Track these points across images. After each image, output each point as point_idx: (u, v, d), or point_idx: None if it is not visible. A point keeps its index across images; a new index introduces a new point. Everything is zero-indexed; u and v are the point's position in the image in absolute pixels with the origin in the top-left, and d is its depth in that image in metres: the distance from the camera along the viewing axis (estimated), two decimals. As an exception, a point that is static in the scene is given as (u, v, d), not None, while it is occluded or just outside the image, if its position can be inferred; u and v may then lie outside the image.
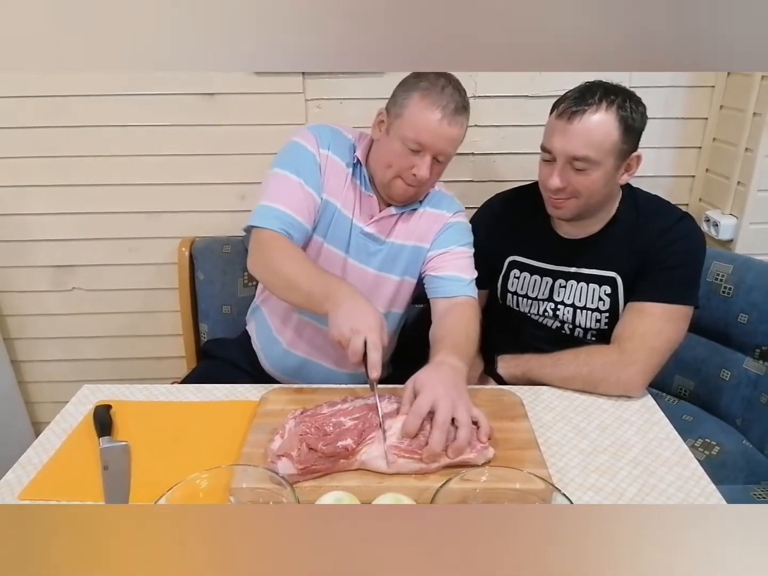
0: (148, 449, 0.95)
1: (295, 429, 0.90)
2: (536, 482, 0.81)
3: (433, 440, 0.85)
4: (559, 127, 1.10)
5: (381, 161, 1.17)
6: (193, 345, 1.69)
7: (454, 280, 1.21)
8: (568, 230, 1.25)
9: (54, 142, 1.64)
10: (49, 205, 1.71)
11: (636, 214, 1.21)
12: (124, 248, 1.76)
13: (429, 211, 1.26)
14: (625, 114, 1.08)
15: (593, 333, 1.26)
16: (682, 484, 0.89)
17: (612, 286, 1.22)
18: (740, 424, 1.41)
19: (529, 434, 0.96)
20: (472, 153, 1.67)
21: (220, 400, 1.11)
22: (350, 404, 0.96)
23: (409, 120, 1.10)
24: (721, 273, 1.43)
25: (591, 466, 0.93)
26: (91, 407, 1.06)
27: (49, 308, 1.83)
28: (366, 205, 1.23)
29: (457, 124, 1.10)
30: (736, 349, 1.43)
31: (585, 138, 1.07)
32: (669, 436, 1.01)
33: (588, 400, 1.10)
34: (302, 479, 0.85)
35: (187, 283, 1.66)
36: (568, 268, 1.25)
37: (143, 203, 1.71)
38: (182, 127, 1.63)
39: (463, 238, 1.26)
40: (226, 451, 0.93)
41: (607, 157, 1.09)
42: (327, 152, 1.20)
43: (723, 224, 1.56)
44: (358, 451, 0.88)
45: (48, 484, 0.90)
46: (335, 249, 1.22)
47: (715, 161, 1.64)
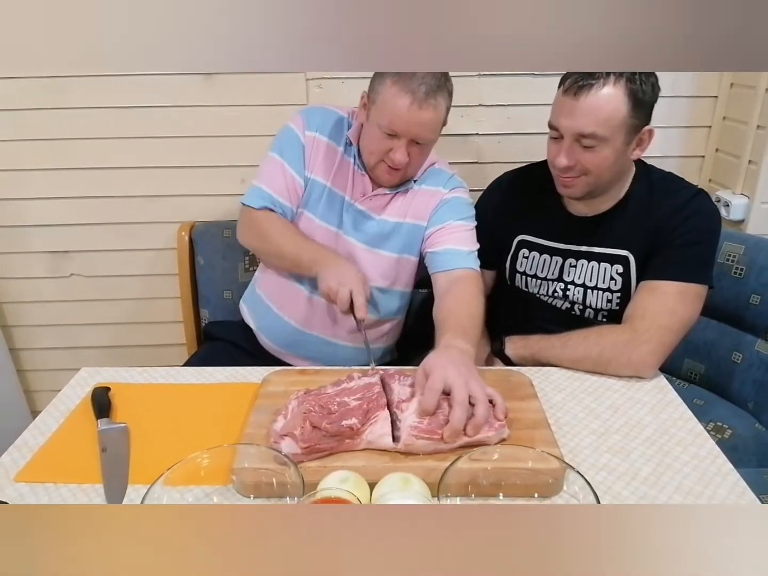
0: (147, 431, 0.93)
1: (299, 408, 0.88)
2: (549, 461, 0.78)
3: (455, 418, 0.83)
4: (566, 104, 1.06)
5: (365, 146, 1.19)
6: (193, 331, 1.67)
7: (452, 252, 1.20)
8: (579, 208, 1.22)
9: (50, 125, 1.61)
10: (46, 190, 1.68)
11: (649, 192, 1.17)
12: (122, 233, 1.73)
13: (424, 189, 1.26)
14: (635, 87, 1.04)
15: (604, 314, 1.23)
16: (697, 464, 0.87)
17: (624, 265, 1.18)
18: (752, 408, 1.38)
19: (539, 414, 0.93)
20: (476, 134, 1.64)
21: (221, 382, 1.08)
22: (355, 383, 0.94)
23: (382, 106, 1.09)
24: (733, 254, 1.40)
25: (603, 446, 0.90)
26: (89, 390, 1.03)
27: (46, 295, 1.80)
28: (359, 183, 1.24)
29: (430, 108, 1.08)
30: (748, 331, 1.40)
31: (592, 114, 1.03)
32: (683, 416, 0.98)
33: (599, 380, 1.08)
34: (306, 459, 0.82)
35: (187, 269, 1.63)
36: (578, 246, 1.22)
37: (142, 187, 1.68)
38: (181, 108, 1.60)
39: (461, 212, 1.25)
40: (227, 433, 0.90)
41: (616, 133, 1.05)
42: (314, 134, 1.23)
43: (734, 204, 1.52)
44: (363, 431, 0.85)
45: (45, 466, 0.87)
46: (328, 225, 1.25)
47: (726, 140, 1.60)
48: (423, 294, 1.50)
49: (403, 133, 1.10)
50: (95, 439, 0.90)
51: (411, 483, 0.74)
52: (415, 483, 0.74)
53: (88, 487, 0.83)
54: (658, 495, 0.81)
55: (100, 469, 0.84)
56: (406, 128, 1.09)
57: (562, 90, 1.08)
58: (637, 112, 1.05)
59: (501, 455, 0.79)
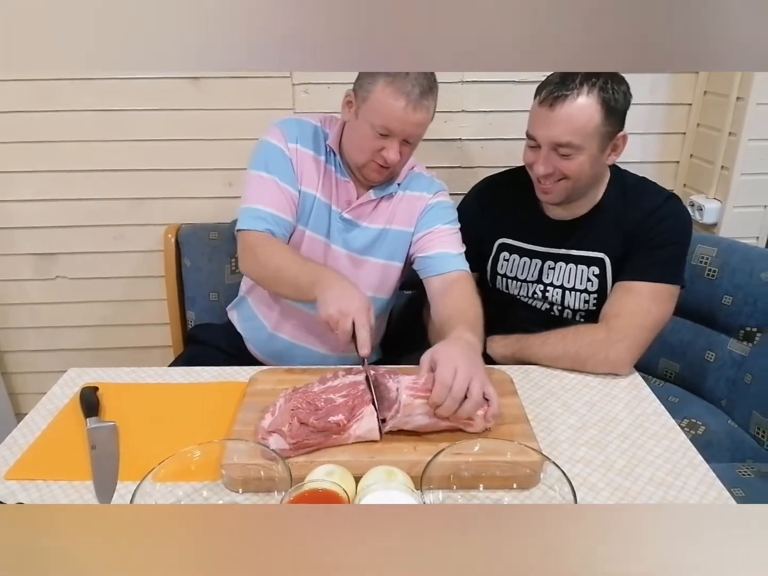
0: (136, 430, 0.94)
1: (286, 405, 0.90)
2: (528, 453, 0.81)
3: (443, 408, 0.86)
4: (542, 115, 1.11)
5: (353, 145, 1.19)
6: (180, 332, 1.68)
7: (444, 256, 1.22)
8: (557, 212, 1.26)
9: (36, 127, 1.61)
10: (31, 192, 1.68)
11: (623, 196, 1.22)
12: (108, 236, 1.74)
13: (408, 194, 1.27)
14: (607, 96, 1.08)
15: (582, 314, 1.27)
16: (669, 456, 0.90)
17: (600, 267, 1.23)
18: (725, 405, 1.42)
19: (518, 410, 0.96)
20: (459, 139, 1.67)
21: (208, 381, 1.10)
22: (340, 381, 0.96)
23: (376, 107, 1.10)
24: (706, 256, 1.44)
25: (580, 440, 0.94)
26: (77, 389, 1.05)
27: (32, 297, 1.80)
28: (343, 191, 1.24)
29: (423, 109, 1.10)
30: (721, 331, 1.44)
31: (567, 124, 1.08)
32: (656, 411, 1.02)
33: (576, 378, 1.11)
34: (294, 455, 0.84)
35: (173, 271, 1.64)
36: (557, 249, 1.26)
37: (128, 189, 1.69)
38: (167, 111, 1.61)
39: (446, 216, 1.27)
40: (215, 431, 0.92)
41: (590, 140, 1.10)
42: (296, 146, 1.22)
43: (707, 208, 1.58)
44: (350, 426, 0.88)
45: (35, 464, 0.89)
46: (317, 236, 1.24)
47: (700, 146, 1.66)
48: (406, 296, 1.53)
49: (398, 134, 1.11)
50: (84, 437, 0.91)
51: (395, 475, 0.76)
52: (398, 475, 0.77)
53: (79, 483, 0.84)
54: (631, 486, 0.84)
55: (89, 466, 0.86)
56: (401, 128, 1.11)
57: (538, 101, 1.12)
58: (610, 119, 1.10)
59: (482, 448, 0.82)
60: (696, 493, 0.83)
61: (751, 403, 1.36)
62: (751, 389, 1.36)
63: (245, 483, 0.82)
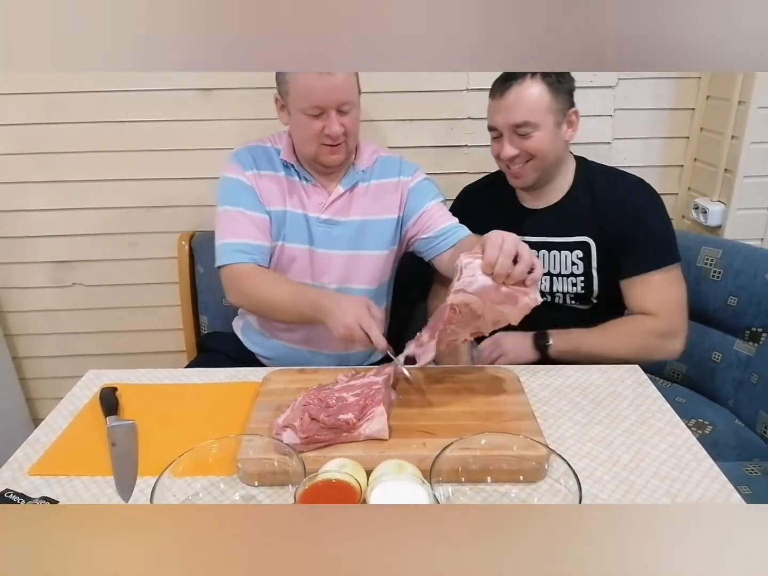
0: (154, 428, 0.97)
1: (300, 401, 0.93)
2: (534, 447, 0.83)
3: (498, 266, 0.90)
4: (495, 106, 1.22)
5: (299, 139, 1.23)
6: (193, 338, 1.71)
7: (448, 229, 1.28)
8: (531, 202, 1.34)
9: (52, 139, 1.66)
10: (48, 201, 1.73)
11: (589, 182, 1.30)
12: (123, 243, 1.78)
13: (383, 182, 1.30)
14: (550, 79, 1.19)
15: (571, 296, 1.34)
16: (674, 451, 0.92)
17: (585, 250, 1.29)
18: (732, 405, 1.43)
19: (525, 407, 0.98)
20: (465, 145, 1.70)
21: (223, 382, 1.13)
22: (359, 380, 0.99)
23: (296, 90, 1.15)
24: (710, 258, 1.46)
25: (586, 436, 0.96)
26: (96, 390, 1.08)
27: (49, 304, 1.84)
28: (313, 195, 1.28)
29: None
30: (726, 331, 1.46)
31: (520, 106, 1.19)
32: (661, 408, 1.03)
33: (582, 377, 1.13)
34: (306, 449, 0.87)
35: (187, 277, 1.68)
36: (537, 237, 1.32)
37: (142, 198, 1.74)
38: (180, 122, 1.65)
39: (431, 192, 1.32)
40: (230, 428, 0.95)
41: (544, 117, 1.19)
42: (252, 172, 1.26)
43: (711, 211, 1.60)
44: (359, 426, 0.90)
45: (57, 460, 0.92)
46: (297, 245, 1.27)
47: (703, 150, 1.68)
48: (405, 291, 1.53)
49: (327, 105, 1.14)
50: (104, 435, 0.94)
51: (405, 468, 0.79)
52: (408, 467, 0.79)
53: (100, 479, 0.87)
54: (636, 479, 0.86)
55: (110, 462, 0.89)
56: (327, 98, 1.13)
57: (491, 97, 1.24)
58: (558, 96, 1.20)
59: (489, 442, 0.84)
60: (700, 486, 0.85)
61: (758, 402, 1.37)
62: (758, 389, 1.37)
63: (260, 477, 0.84)
